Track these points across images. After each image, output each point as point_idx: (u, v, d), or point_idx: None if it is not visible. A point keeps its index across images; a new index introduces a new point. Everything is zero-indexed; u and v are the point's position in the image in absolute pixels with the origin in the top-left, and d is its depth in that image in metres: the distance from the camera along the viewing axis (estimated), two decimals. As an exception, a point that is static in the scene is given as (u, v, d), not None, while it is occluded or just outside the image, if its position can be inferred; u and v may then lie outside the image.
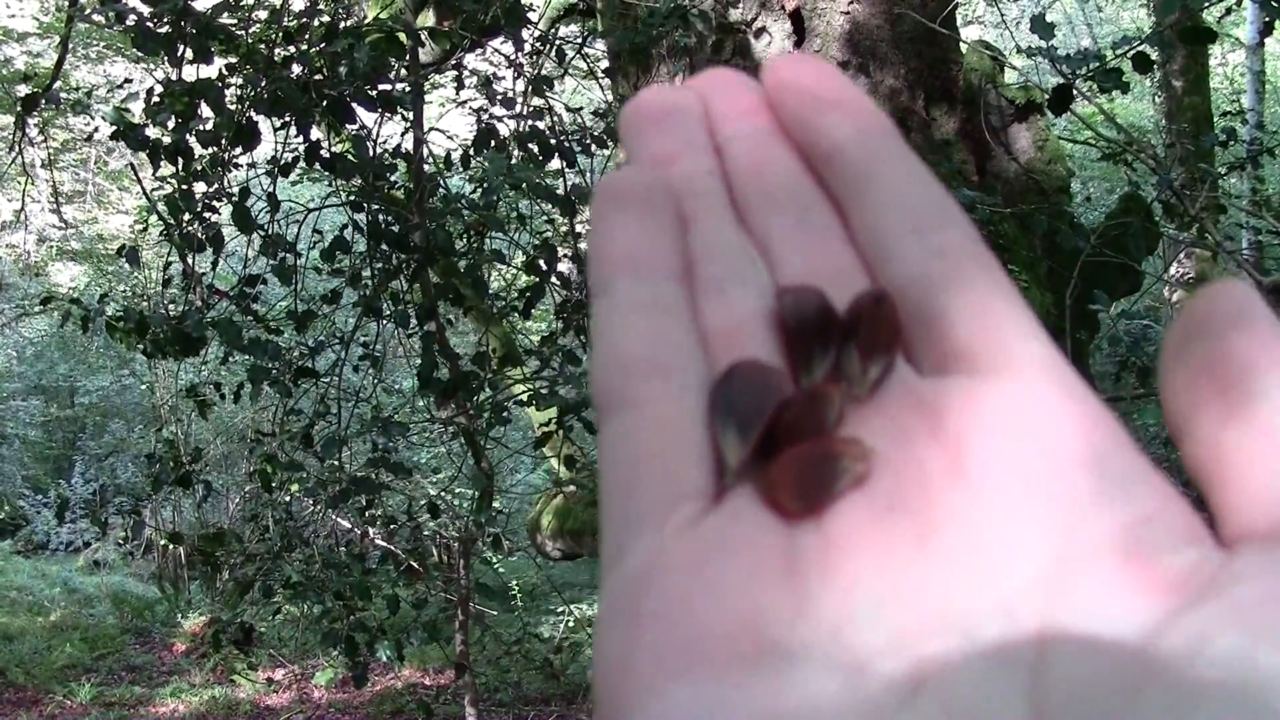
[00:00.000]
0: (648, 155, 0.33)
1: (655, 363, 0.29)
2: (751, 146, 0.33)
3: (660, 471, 0.27)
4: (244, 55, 3.89)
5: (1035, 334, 0.29)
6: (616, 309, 0.30)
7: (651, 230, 0.31)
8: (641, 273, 0.30)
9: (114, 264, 12.72)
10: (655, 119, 0.34)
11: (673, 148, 0.33)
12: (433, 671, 8.75)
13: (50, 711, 8.06)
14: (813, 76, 0.33)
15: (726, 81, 0.35)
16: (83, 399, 16.65)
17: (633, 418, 0.28)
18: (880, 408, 0.29)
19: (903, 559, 0.26)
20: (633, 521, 0.27)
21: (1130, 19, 14.92)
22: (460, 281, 4.41)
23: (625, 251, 0.30)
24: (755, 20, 4.41)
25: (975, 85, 4.52)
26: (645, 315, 0.29)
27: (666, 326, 0.29)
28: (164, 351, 3.94)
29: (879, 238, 0.31)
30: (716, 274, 0.31)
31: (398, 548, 5.08)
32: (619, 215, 0.31)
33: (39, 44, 13.08)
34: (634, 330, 0.29)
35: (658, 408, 0.28)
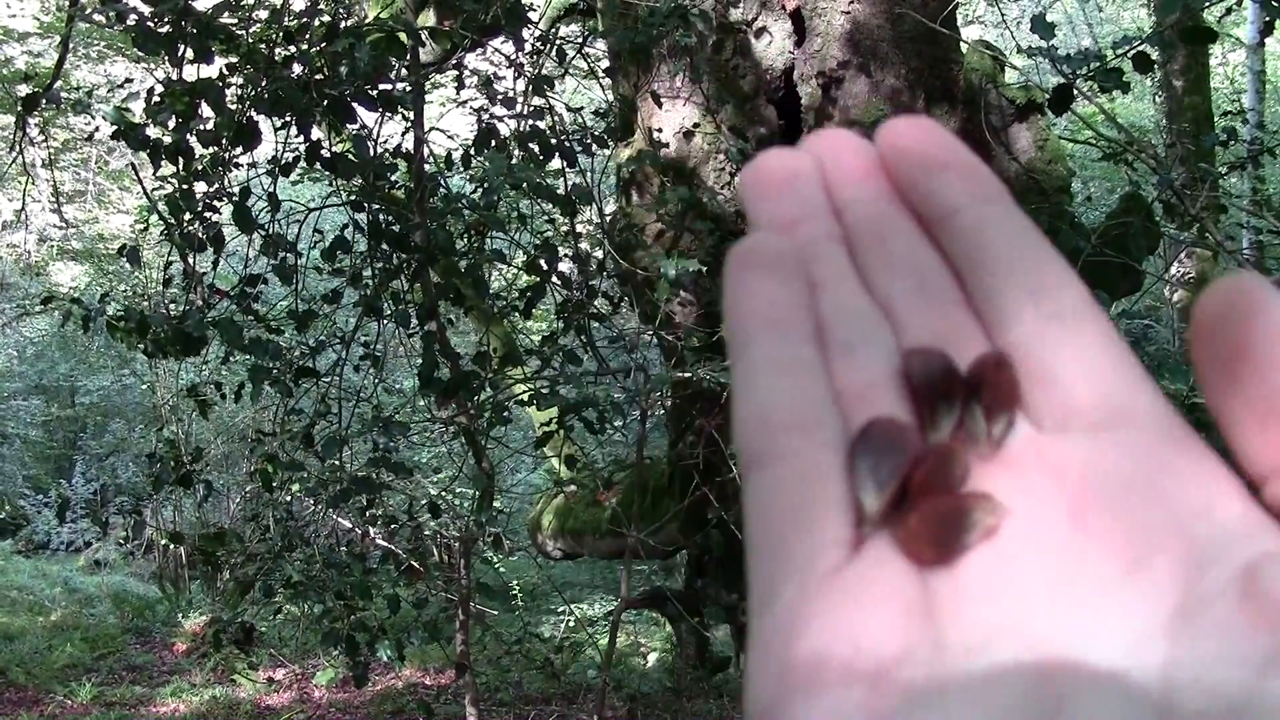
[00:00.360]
0: (771, 220, 0.35)
1: (797, 419, 0.31)
2: (869, 211, 0.35)
3: (805, 523, 0.29)
4: (245, 55, 3.89)
5: (1150, 390, 0.30)
6: (757, 368, 0.32)
7: (785, 293, 0.33)
8: (779, 333, 0.32)
9: (115, 264, 12.72)
10: (776, 184, 0.35)
11: (795, 213, 0.35)
12: (433, 671, 8.74)
13: (51, 711, 8.06)
14: (927, 140, 0.34)
15: (841, 143, 0.36)
16: (83, 399, 16.65)
17: (777, 472, 0.30)
18: (1005, 463, 0.30)
19: (1033, 606, 0.27)
20: (781, 570, 0.29)
21: (1131, 19, 14.91)
22: (461, 281, 4.41)
23: (762, 313, 0.32)
24: (756, 20, 4.40)
25: (976, 85, 4.51)
26: (785, 374, 0.31)
27: (805, 385, 0.31)
28: (165, 351, 3.94)
29: (996, 301, 0.33)
30: (846, 337, 0.32)
31: (398, 547, 5.08)
32: (753, 279, 0.33)
33: (40, 44, 13.08)
34: (775, 388, 0.31)
35: (800, 462, 0.30)
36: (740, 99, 4.39)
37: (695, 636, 7.29)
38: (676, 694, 7.71)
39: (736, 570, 4.52)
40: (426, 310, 4.19)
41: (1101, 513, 0.28)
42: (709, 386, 3.94)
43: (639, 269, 4.30)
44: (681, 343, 4.13)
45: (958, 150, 0.34)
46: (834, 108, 4.22)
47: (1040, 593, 0.28)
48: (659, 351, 4.97)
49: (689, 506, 4.42)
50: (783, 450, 0.30)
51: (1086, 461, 0.29)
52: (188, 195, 3.87)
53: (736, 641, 5.01)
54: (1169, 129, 7.43)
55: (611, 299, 4.75)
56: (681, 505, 4.50)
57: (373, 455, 4.41)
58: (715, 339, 3.98)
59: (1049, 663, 0.26)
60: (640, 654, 9.04)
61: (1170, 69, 7.53)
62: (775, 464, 0.30)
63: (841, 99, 4.22)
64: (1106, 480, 0.29)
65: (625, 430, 6.45)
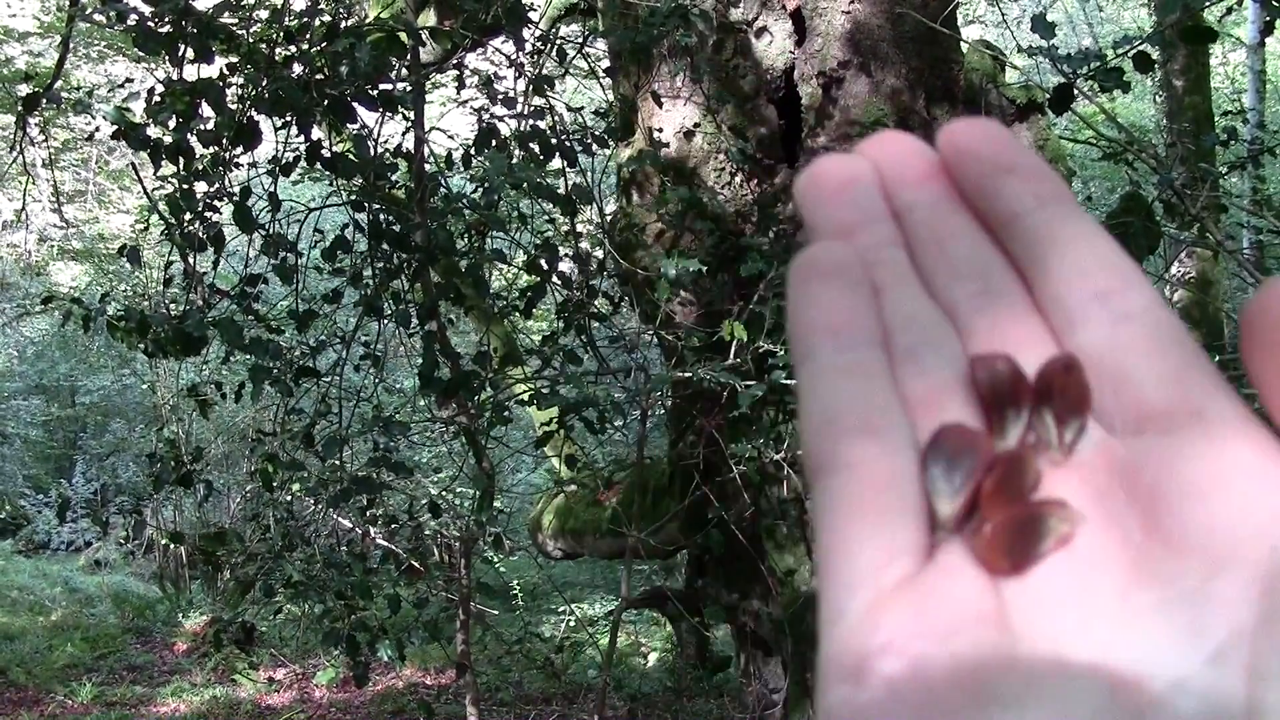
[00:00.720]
0: (831, 227, 0.35)
1: (865, 424, 0.30)
2: (931, 215, 0.35)
3: (876, 530, 0.29)
4: (245, 55, 3.89)
5: (1224, 391, 0.30)
6: (822, 374, 0.31)
7: (849, 300, 0.32)
8: (843, 339, 0.32)
9: (115, 263, 12.72)
10: (833, 190, 0.35)
11: (854, 219, 0.35)
12: (434, 671, 8.74)
13: (51, 711, 8.06)
14: (989, 142, 0.34)
15: (899, 146, 0.36)
16: (84, 398, 16.65)
17: (846, 478, 0.30)
18: (1077, 469, 0.30)
19: (1107, 614, 0.27)
20: (852, 579, 0.29)
21: (1131, 18, 14.91)
22: (461, 281, 4.41)
23: (826, 320, 0.32)
24: (756, 19, 4.40)
25: (976, 85, 4.52)
26: (851, 379, 0.31)
27: (872, 390, 0.31)
28: (165, 351, 3.94)
29: (1063, 304, 0.32)
30: (911, 343, 0.32)
31: (399, 547, 5.08)
32: (817, 286, 0.33)
33: (40, 44, 13.08)
34: (842, 393, 0.31)
35: (870, 468, 0.30)
36: (741, 99, 4.39)
37: (696, 636, 7.29)
38: (677, 694, 7.71)
39: (737, 570, 4.52)
40: (427, 310, 4.19)
41: (1176, 519, 0.28)
42: (709, 386, 3.94)
43: (639, 269, 4.31)
44: (682, 342, 4.13)
45: (1021, 152, 0.34)
46: (834, 107, 4.22)
47: (1114, 601, 0.28)
48: (659, 351, 4.97)
49: (689, 506, 4.42)
50: (851, 456, 0.30)
51: (1160, 465, 0.29)
52: (188, 195, 3.87)
53: (737, 641, 5.01)
54: (1169, 129, 7.43)
55: (612, 299, 4.75)
56: (682, 505, 4.50)
57: (373, 455, 4.41)
58: (715, 339, 3.98)
59: (1123, 673, 0.26)
60: (641, 654, 9.04)
61: (1170, 69, 7.53)
62: (844, 470, 0.30)
63: (842, 99, 4.22)
64: (1181, 485, 0.28)
65: (626, 430, 6.45)
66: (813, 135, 4.24)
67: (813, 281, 0.33)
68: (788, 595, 4.10)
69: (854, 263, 0.33)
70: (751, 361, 3.89)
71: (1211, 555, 0.27)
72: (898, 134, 0.36)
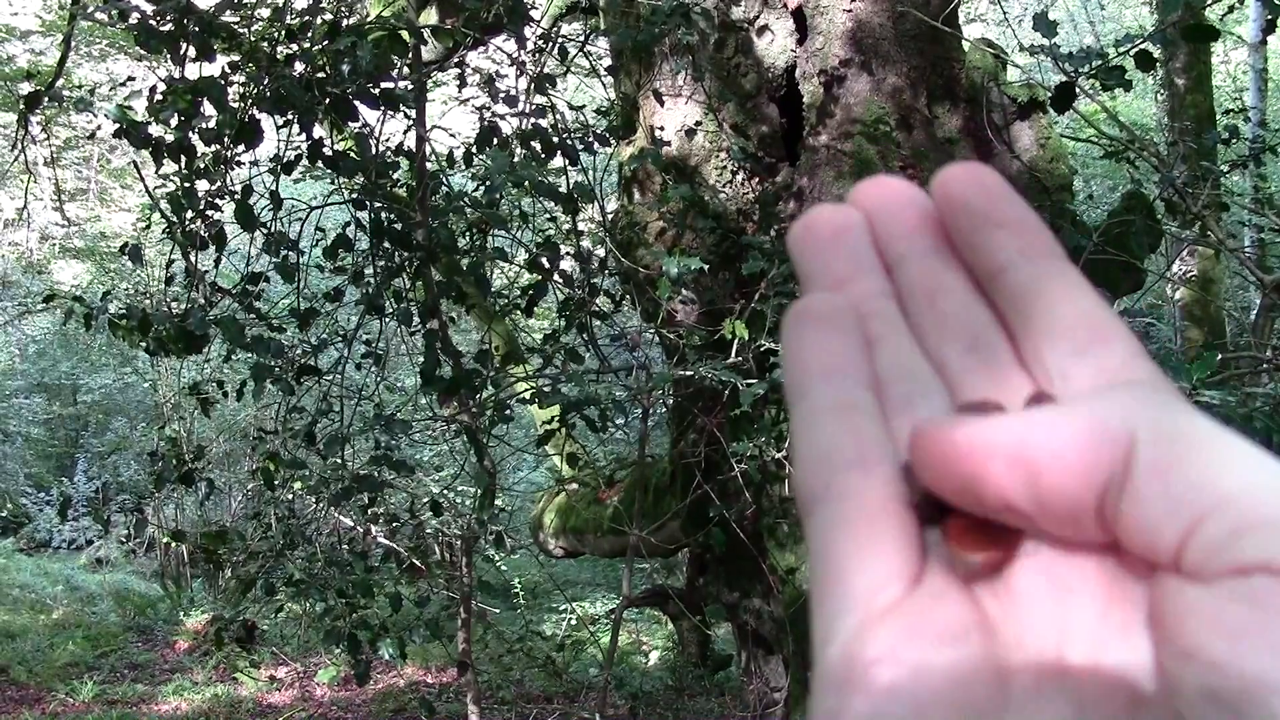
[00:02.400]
0: (824, 277, 0.36)
1: (858, 459, 0.32)
2: (922, 269, 0.36)
3: (866, 557, 0.31)
4: (247, 53, 3.89)
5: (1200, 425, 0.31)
6: (815, 411, 0.33)
7: (842, 345, 0.34)
8: (836, 379, 0.33)
9: (116, 262, 12.73)
10: (825, 240, 0.36)
11: (847, 270, 0.36)
12: (435, 669, 8.75)
13: (53, 709, 8.07)
14: (981, 193, 0.35)
15: (892, 193, 0.37)
16: (85, 397, 16.66)
17: (838, 509, 0.31)
18: None
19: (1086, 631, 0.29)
20: (843, 603, 0.30)
21: (1133, 17, 14.90)
22: (463, 279, 4.41)
23: (820, 362, 0.34)
24: (757, 18, 4.40)
25: (978, 83, 4.51)
26: (843, 416, 0.33)
27: (863, 425, 0.33)
28: (167, 349, 3.95)
29: (1045, 360, 0.33)
30: (904, 392, 0.34)
31: (400, 545, 5.08)
32: (811, 333, 0.34)
33: (42, 42, 13.08)
34: (835, 430, 0.32)
35: (861, 499, 0.31)
36: (742, 97, 4.39)
37: (697, 635, 7.29)
38: (678, 692, 7.71)
39: (738, 568, 4.52)
40: (428, 308, 4.20)
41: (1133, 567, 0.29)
42: (711, 385, 3.94)
43: (641, 267, 4.31)
44: (683, 341, 4.13)
45: (1012, 204, 0.35)
46: (836, 106, 4.22)
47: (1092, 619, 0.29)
48: (661, 349, 4.97)
49: (691, 505, 4.42)
50: (843, 488, 0.31)
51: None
52: (190, 193, 3.87)
53: (738, 640, 5.01)
54: (1171, 127, 7.42)
55: (613, 297, 4.75)
56: (683, 504, 4.50)
57: (374, 453, 4.42)
58: (717, 337, 3.98)
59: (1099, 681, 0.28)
60: (642, 652, 9.04)
61: (1172, 67, 7.52)
62: (836, 501, 0.31)
63: (843, 97, 4.21)
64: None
65: (627, 428, 6.45)
66: (814, 133, 4.24)
67: (807, 328, 0.34)
68: (789, 594, 4.10)
69: (847, 312, 0.35)
70: (753, 360, 3.90)
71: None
72: (890, 180, 0.37)
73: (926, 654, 0.29)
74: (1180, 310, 8.28)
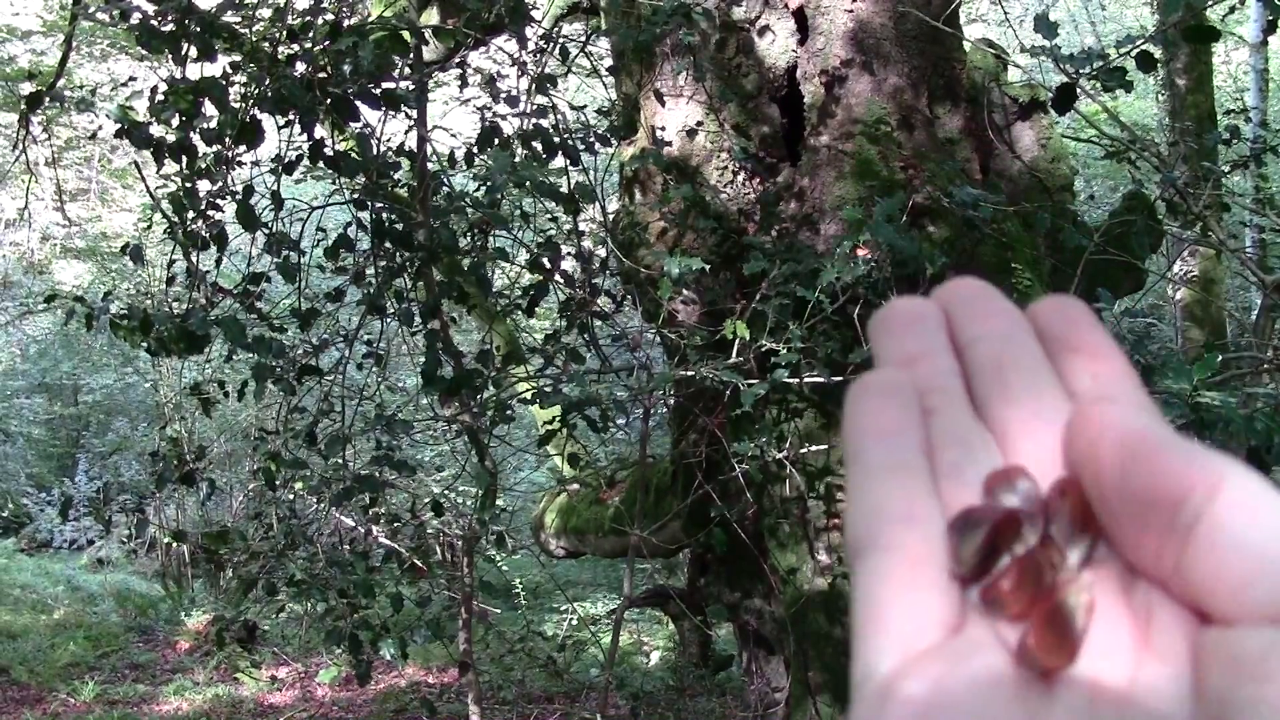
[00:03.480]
0: (894, 357, 0.38)
1: (905, 513, 0.33)
2: (993, 346, 0.38)
3: (910, 603, 0.32)
4: (248, 53, 3.90)
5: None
6: (870, 470, 0.34)
7: (898, 412, 0.36)
8: (890, 442, 0.35)
9: (118, 262, 12.74)
10: (902, 325, 0.38)
11: (917, 349, 0.38)
12: (436, 670, 8.75)
13: (54, 709, 8.07)
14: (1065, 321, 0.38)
15: (973, 289, 0.39)
16: (86, 397, 16.67)
17: (885, 557, 0.33)
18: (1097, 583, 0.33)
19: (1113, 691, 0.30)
20: (886, 643, 0.31)
21: (1134, 17, 14.89)
22: (464, 279, 4.41)
23: (876, 426, 0.35)
24: (759, 18, 4.40)
25: (979, 83, 4.51)
26: (895, 475, 0.34)
27: (913, 485, 0.34)
28: (168, 349, 3.94)
29: None
30: (955, 459, 0.35)
31: (401, 546, 5.08)
32: (870, 401, 0.36)
33: (43, 42, 13.08)
34: (884, 486, 0.34)
35: (907, 550, 0.33)
36: (743, 97, 4.39)
37: (698, 635, 7.29)
38: (679, 692, 7.71)
39: (739, 569, 4.52)
40: (429, 308, 4.20)
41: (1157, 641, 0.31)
42: (712, 385, 3.94)
43: (642, 267, 4.31)
44: (684, 341, 4.13)
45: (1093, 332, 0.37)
46: (837, 106, 4.22)
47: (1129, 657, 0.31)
48: (662, 350, 4.97)
49: (692, 505, 4.43)
50: (891, 540, 0.33)
51: None
52: (191, 193, 3.88)
53: (739, 640, 5.01)
54: (1172, 127, 7.42)
55: (614, 297, 4.75)
56: (684, 504, 4.50)
57: (376, 453, 4.42)
58: (718, 337, 3.98)
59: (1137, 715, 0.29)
60: (643, 652, 9.05)
61: (1173, 68, 7.52)
62: (883, 551, 0.33)
63: (845, 97, 4.21)
64: None
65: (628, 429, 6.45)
66: (815, 134, 4.24)
67: (868, 397, 0.36)
68: (790, 594, 4.11)
69: (907, 385, 0.36)
70: (754, 360, 3.90)
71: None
72: (973, 281, 0.39)
73: (962, 692, 0.30)
74: (1181, 310, 8.27)
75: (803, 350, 3.70)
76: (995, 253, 4.10)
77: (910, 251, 3.52)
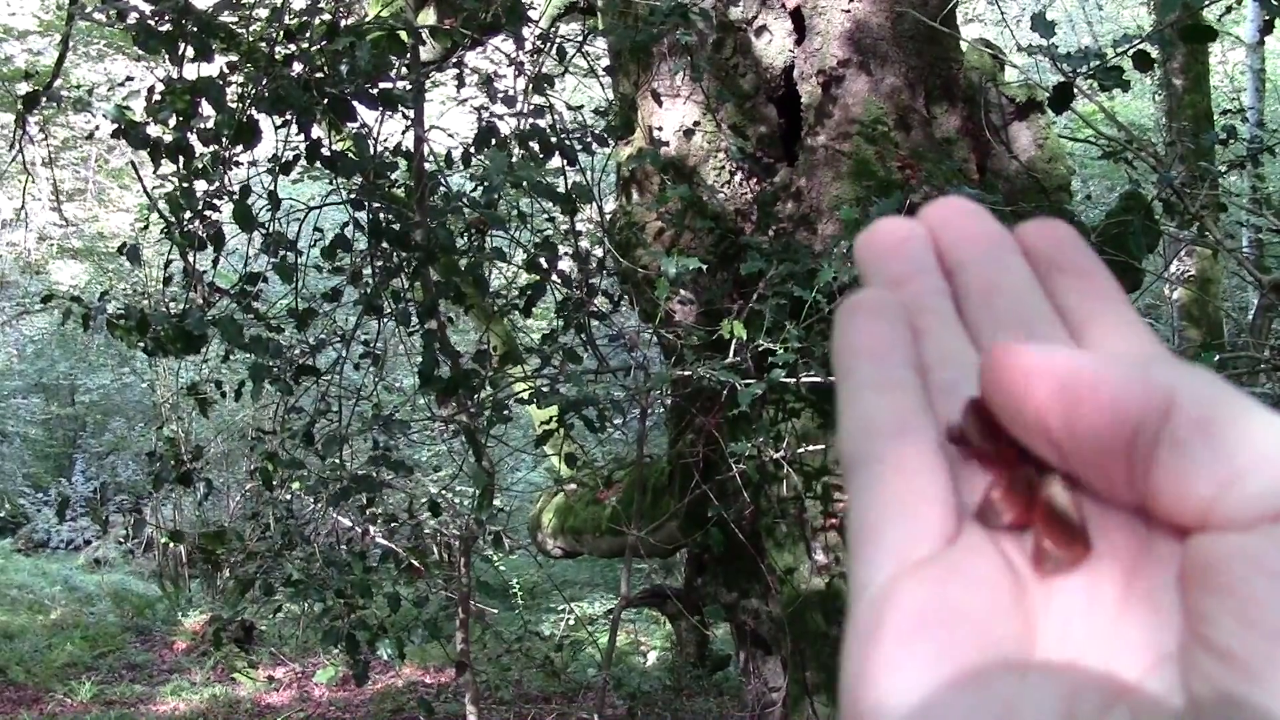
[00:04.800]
0: (882, 278, 0.38)
1: (896, 426, 0.33)
2: (982, 269, 0.37)
3: (902, 514, 0.31)
4: (245, 53, 3.90)
5: None
6: (859, 387, 0.34)
7: (888, 331, 0.35)
8: (879, 359, 0.34)
9: (115, 262, 12.73)
10: (888, 247, 0.38)
11: (905, 271, 0.37)
12: (433, 670, 8.75)
13: (51, 710, 8.06)
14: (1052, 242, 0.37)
15: (958, 210, 0.39)
16: (83, 397, 16.65)
17: (878, 469, 0.32)
18: None
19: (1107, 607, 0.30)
20: (878, 555, 0.31)
21: (1131, 17, 14.90)
22: (461, 279, 4.41)
23: (864, 344, 0.35)
24: (756, 18, 4.40)
25: (976, 83, 4.52)
26: (885, 391, 0.34)
27: (905, 399, 0.34)
28: (165, 349, 3.94)
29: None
30: (949, 378, 0.35)
31: (399, 546, 5.08)
32: (859, 320, 0.35)
33: (40, 42, 13.07)
34: (876, 403, 0.34)
35: (900, 461, 0.32)
36: (740, 97, 4.39)
37: (695, 635, 7.29)
38: (676, 692, 7.72)
39: (736, 568, 4.52)
40: (427, 308, 4.20)
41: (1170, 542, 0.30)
42: (709, 385, 3.95)
43: (639, 267, 4.31)
44: (681, 341, 4.13)
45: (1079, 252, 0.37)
46: (834, 106, 4.22)
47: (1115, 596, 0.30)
48: (659, 350, 4.97)
49: (689, 505, 4.43)
50: (883, 452, 0.32)
51: None
52: (188, 193, 3.87)
53: (736, 640, 5.01)
54: (1169, 127, 7.43)
55: (611, 297, 4.75)
56: (682, 503, 4.50)
57: (373, 453, 4.41)
58: (715, 337, 3.98)
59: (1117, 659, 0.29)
60: (640, 652, 9.05)
61: (1170, 67, 7.53)
62: (876, 463, 0.32)
63: (842, 97, 4.22)
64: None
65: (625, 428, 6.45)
66: (812, 134, 4.24)
67: (854, 317, 0.35)
68: (787, 594, 4.11)
69: (896, 305, 0.36)
70: (751, 360, 3.90)
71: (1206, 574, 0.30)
72: (958, 199, 0.39)
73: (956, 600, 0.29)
74: (1178, 310, 8.28)
75: (800, 350, 3.70)
76: (992, 253, 4.10)
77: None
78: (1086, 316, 0.36)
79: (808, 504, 4.01)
